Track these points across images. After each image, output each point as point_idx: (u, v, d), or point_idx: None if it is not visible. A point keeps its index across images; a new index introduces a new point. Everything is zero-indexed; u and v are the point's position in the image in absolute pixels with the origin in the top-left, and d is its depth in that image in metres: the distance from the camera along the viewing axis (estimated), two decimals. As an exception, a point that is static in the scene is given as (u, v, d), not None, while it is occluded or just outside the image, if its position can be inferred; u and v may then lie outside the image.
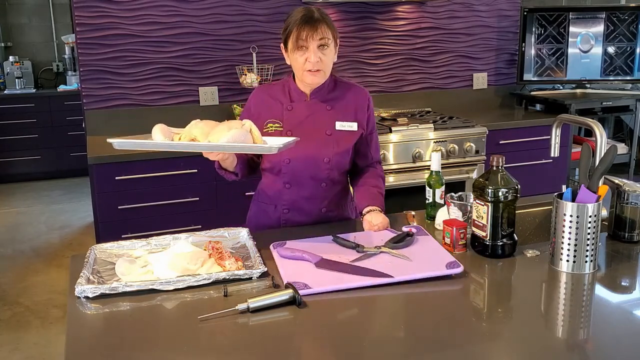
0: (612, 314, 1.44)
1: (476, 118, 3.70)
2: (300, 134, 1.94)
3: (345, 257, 1.64)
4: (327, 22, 1.91)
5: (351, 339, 1.31)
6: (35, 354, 3.09)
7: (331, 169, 2.00)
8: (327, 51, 1.91)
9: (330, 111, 2.01)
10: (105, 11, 3.37)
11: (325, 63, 1.92)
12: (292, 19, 1.92)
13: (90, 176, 3.22)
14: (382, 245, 1.70)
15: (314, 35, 1.87)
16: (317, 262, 1.60)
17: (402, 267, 1.58)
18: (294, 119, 2.00)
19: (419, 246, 1.72)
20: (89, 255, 1.68)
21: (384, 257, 1.65)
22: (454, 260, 1.59)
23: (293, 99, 2.02)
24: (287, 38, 1.93)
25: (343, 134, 2.01)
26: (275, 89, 2.06)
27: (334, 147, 1.99)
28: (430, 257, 1.63)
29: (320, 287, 1.48)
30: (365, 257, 1.64)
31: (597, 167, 1.61)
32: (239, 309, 1.38)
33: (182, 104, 3.61)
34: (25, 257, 4.37)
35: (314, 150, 1.98)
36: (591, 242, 1.57)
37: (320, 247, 1.72)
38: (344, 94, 2.04)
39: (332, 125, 2.00)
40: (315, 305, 1.43)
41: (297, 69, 1.96)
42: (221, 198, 3.15)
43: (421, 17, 4.01)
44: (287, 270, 1.59)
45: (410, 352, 1.27)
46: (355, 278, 1.52)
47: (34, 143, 6.15)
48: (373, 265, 1.58)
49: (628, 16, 4.05)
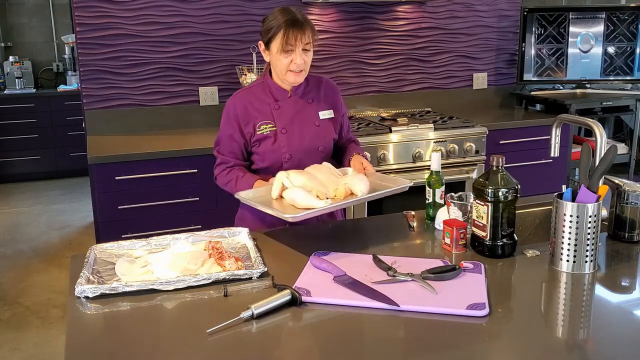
0: (612, 314, 1.44)
1: (476, 118, 3.70)
2: (293, 129, 2.09)
3: (370, 277, 1.56)
4: (311, 24, 2.01)
5: (351, 339, 1.31)
6: (35, 354, 3.09)
7: (324, 157, 2.14)
8: (310, 53, 2.03)
9: (312, 104, 2.15)
10: (105, 11, 3.37)
11: (307, 63, 2.03)
12: (276, 22, 1.98)
13: (90, 176, 3.22)
14: (419, 273, 1.56)
15: (302, 39, 1.97)
16: (337, 277, 1.56)
17: (420, 298, 1.46)
18: (284, 117, 2.10)
19: (458, 281, 1.54)
20: (89, 255, 1.68)
21: (411, 285, 1.52)
22: (481, 302, 1.42)
23: (277, 98, 2.11)
24: (271, 39, 2.00)
25: (327, 123, 2.16)
26: (256, 90, 2.14)
27: (324, 135, 2.14)
28: (458, 294, 1.47)
29: (320, 297, 1.46)
30: (392, 281, 1.54)
31: (597, 167, 1.61)
32: (244, 316, 1.36)
33: (182, 104, 3.61)
34: (25, 257, 4.37)
35: (309, 141, 2.11)
36: (591, 242, 1.57)
37: (356, 263, 1.65)
38: (317, 87, 2.18)
39: (317, 116, 2.14)
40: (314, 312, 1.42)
41: (280, 69, 2.03)
42: (221, 198, 3.14)
43: (421, 17, 4.01)
44: (304, 277, 1.58)
45: (410, 352, 1.27)
46: (359, 298, 1.46)
47: (34, 143, 6.15)
48: (392, 291, 1.48)
49: (628, 16, 4.05)
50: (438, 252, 1.79)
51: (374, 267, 1.63)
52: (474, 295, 1.46)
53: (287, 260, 1.72)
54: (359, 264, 1.65)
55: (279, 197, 1.88)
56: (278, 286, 1.49)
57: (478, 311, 1.38)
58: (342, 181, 1.88)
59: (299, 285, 1.51)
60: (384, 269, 1.60)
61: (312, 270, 1.63)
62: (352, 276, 1.56)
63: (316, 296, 1.46)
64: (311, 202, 1.75)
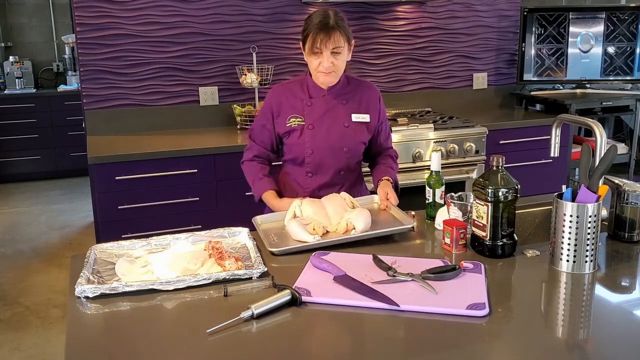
0: (612, 314, 1.44)
1: (476, 118, 3.70)
2: (321, 126, 2.15)
3: (370, 277, 1.55)
4: (342, 28, 2.05)
5: (351, 339, 1.31)
6: (35, 354, 3.09)
7: (349, 158, 2.19)
8: (340, 56, 2.08)
9: (346, 105, 2.18)
10: (105, 11, 3.37)
11: (337, 66, 2.09)
12: (311, 23, 2.05)
13: (90, 176, 3.22)
14: (419, 273, 1.55)
15: (328, 44, 2.03)
16: (337, 277, 1.56)
17: (420, 298, 1.45)
18: (314, 113, 2.16)
19: (458, 281, 1.54)
20: (89, 255, 1.68)
21: (411, 285, 1.52)
22: (481, 302, 1.42)
23: (312, 95, 2.17)
24: (305, 40, 2.08)
25: (358, 126, 2.18)
26: (293, 86, 2.21)
27: (352, 137, 2.17)
28: (458, 294, 1.47)
29: (320, 297, 1.46)
30: (392, 281, 1.54)
31: (597, 167, 1.61)
32: (244, 316, 1.36)
33: (182, 104, 3.61)
34: (25, 257, 4.37)
35: (335, 141, 2.15)
36: (591, 242, 1.57)
37: (356, 263, 1.64)
38: (356, 90, 2.22)
39: (348, 117, 2.17)
40: (315, 313, 1.42)
41: (312, 68, 2.13)
42: (221, 198, 3.15)
43: (421, 17, 4.01)
44: (304, 277, 1.58)
45: (410, 352, 1.27)
46: (359, 297, 1.45)
47: (34, 143, 6.15)
48: (392, 291, 1.47)
49: (628, 16, 4.05)
50: (438, 252, 1.79)
51: (374, 267, 1.63)
52: (474, 295, 1.46)
53: (287, 260, 1.72)
54: (359, 264, 1.65)
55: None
56: (278, 286, 1.49)
57: (478, 311, 1.38)
58: (346, 215, 1.89)
59: (299, 285, 1.51)
60: (384, 269, 1.60)
61: (312, 270, 1.63)
62: (352, 276, 1.56)
63: (316, 296, 1.46)
64: (301, 236, 1.81)
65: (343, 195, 2.03)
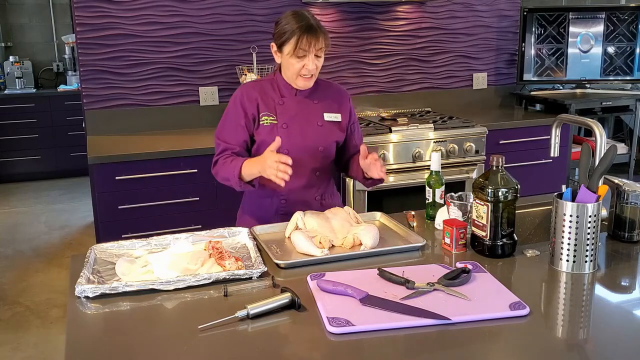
0: (612, 314, 1.44)
1: (476, 118, 3.70)
2: (294, 126, 2.09)
3: (392, 294, 1.46)
4: (324, 30, 2.02)
5: (351, 340, 1.32)
6: (35, 354, 3.09)
7: (324, 158, 2.15)
8: (321, 58, 2.05)
9: (317, 104, 2.14)
10: (105, 11, 3.37)
11: (318, 69, 2.06)
12: (290, 26, 1.98)
13: (90, 176, 3.22)
14: (436, 282, 1.50)
15: (316, 45, 1.99)
16: (363, 298, 1.43)
17: (461, 307, 1.40)
18: (287, 113, 2.10)
19: (476, 284, 1.52)
20: (89, 255, 1.69)
21: (438, 295, 1.46)
22: (518, 301, 1.41)
23: (283, 94, 2.13)
24: (284, 43, 2.00)
25: (331, 125, 2.15)
26: (264, 84, 2.15)
27: (327, 136, 2.14)
28: (490, 297, 1.44)
29: (365, 325, 1.32)
30: (417, 294, 1.46)
31: (597, 167, 1.61)
32: (239, 316, 1.36)
33: (182, 104, 3.61)
34: (25, 257, 4.37)
35: (310, 140, 2.11)
36: (591, 242, 1.57)
37: (364, 281, 1.52)
38: (325, 90, 2.19)
39: (321, 117, 2.14)
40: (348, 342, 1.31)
41: (291, 72, 2.05)
42: (221, 198, 3.15)
43: (421, 17, 4.01)
44: (327, 304, 1.41)
45: (410, 352, 1.27)
46: (405, 317, 1.35)
47: (34, 143, 6.15)
48: (426, 304, 1.40)
49: (628, 16, 4.05)
50: (438, 252, 1.79)
51: (386, 282, 1.53)
52: (504, 295, 1.45)
53: (290, 273, 1.69)
54: (368, 281, 1.53)
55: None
56: (280, 287, 1.48)
57: (520, 310, 1.38)
58: (353, 230, 1.84)
59: (330, 316, 1.35)
60: (400, 283, 1.50)
61: (326, 295, 1.47)
62: (377, 295, 1.45)
63: (360, 324, 1.32)
64: (309, 249, 1.74)
65: (347, 209, 1.98)
